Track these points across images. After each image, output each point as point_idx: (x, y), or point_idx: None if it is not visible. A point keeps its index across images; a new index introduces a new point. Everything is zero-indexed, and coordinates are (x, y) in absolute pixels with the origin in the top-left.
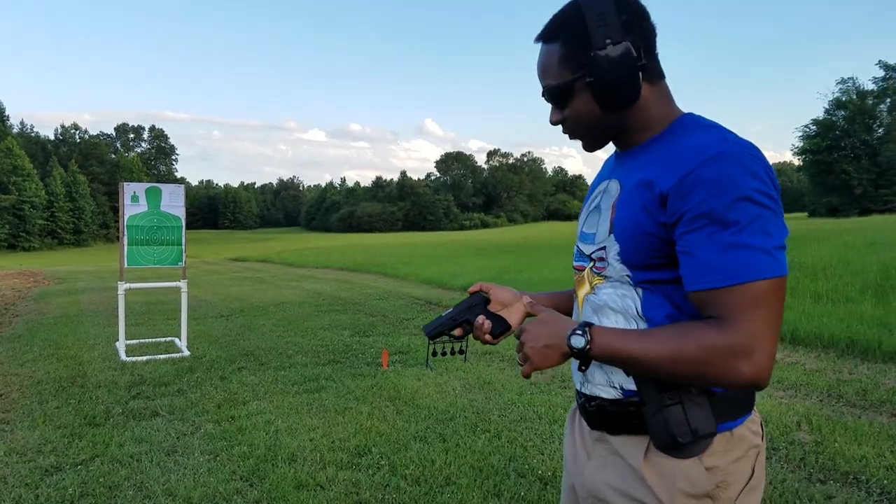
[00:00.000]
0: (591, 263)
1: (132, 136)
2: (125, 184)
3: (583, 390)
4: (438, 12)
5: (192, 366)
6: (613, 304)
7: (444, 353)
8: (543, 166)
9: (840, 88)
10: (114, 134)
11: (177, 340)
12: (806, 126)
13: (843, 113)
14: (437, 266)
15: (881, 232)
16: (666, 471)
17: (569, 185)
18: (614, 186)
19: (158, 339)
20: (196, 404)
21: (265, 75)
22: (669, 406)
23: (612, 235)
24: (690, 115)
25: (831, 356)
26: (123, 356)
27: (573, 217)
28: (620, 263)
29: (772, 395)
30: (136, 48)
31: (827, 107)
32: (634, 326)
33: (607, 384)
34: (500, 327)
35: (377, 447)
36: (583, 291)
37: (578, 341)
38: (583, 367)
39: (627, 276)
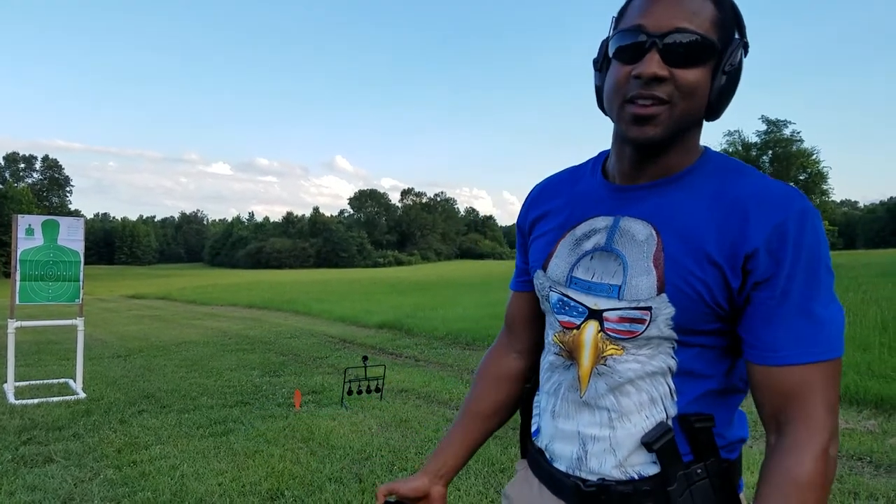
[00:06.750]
0: (600, 324)
1: (23, 165)
2: (19, 216)
3: (576, 474)
4: (346, 48)
5: (89, 408)
6: (640, 383)
7: (359, 392)
8: (456, 206)
9: (727, 140)
10: (2, 163)
11: (71, 382)
12: None
13: None
14: (350, 303)
15: None
16: None
17: (480, 225)
18: (640, 228)
19: (51, 381)
20: (94, 449)
21: (165, 105)
22: (697, 482)
23: (663, 295)
24: (708, 148)
25: None
26: (12, 399)
27: (485, 256)
28: (671, 329)
29: None
30: (25, 74)
31: None
32: (661, 409)
33: (617, 468)
34: None
35: (290, 490)
36: (585, 359)
37: None
38: None
39: (674, 342)
